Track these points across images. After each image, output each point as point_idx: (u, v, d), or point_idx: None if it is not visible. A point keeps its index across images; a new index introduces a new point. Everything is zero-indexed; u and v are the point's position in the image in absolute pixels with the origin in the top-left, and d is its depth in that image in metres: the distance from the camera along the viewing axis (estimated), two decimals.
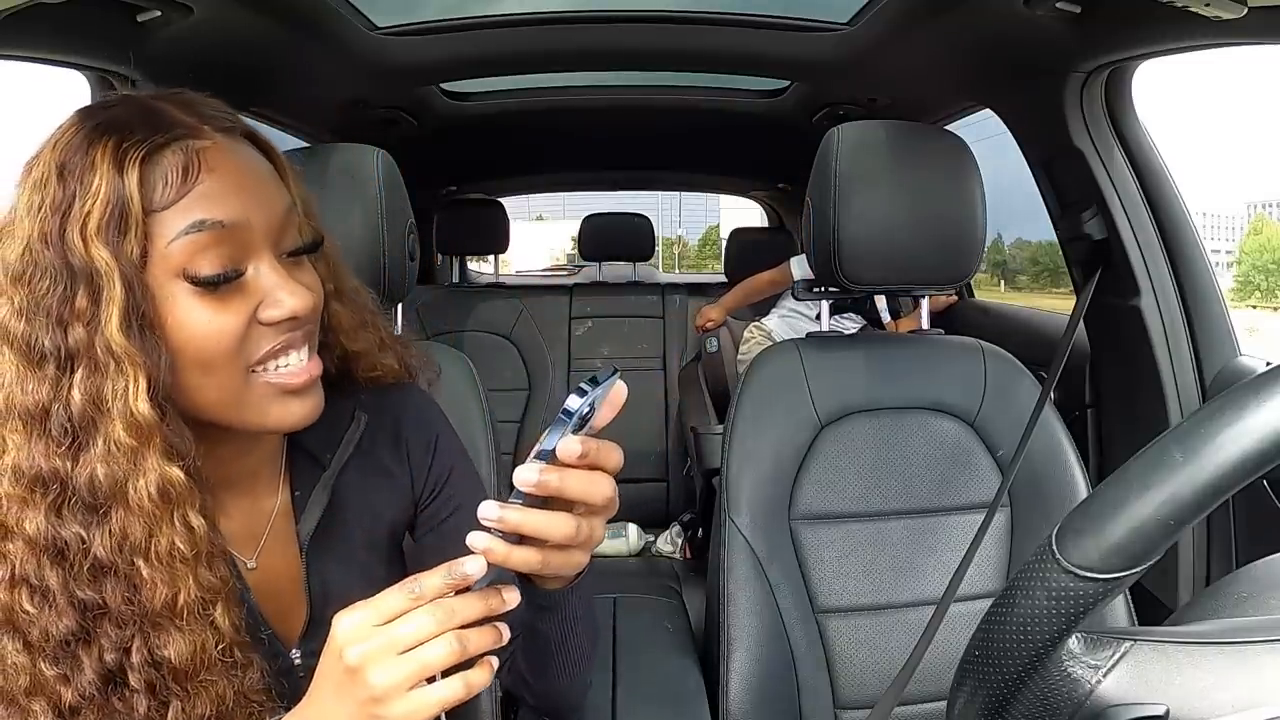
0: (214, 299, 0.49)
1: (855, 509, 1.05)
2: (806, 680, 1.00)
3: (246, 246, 0.50)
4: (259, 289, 0.51)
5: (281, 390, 0.52)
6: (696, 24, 1.41)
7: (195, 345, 0.49)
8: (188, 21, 1.01)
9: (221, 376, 0.50)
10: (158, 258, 0.48)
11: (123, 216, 0.47)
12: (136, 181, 0.47)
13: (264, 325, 0.51)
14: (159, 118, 0.50)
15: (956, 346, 1.12)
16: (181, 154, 0.49)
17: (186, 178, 0.48)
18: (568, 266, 6.72)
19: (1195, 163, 2.24)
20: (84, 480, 0.47)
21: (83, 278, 0.46)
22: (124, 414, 0.47)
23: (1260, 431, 0.36)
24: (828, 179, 1.03)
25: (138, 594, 0.48)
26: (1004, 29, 1.15)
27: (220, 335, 0.49)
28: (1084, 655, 0.40)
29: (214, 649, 0.50)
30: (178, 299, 0.49)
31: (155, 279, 0.48)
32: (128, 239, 0.47)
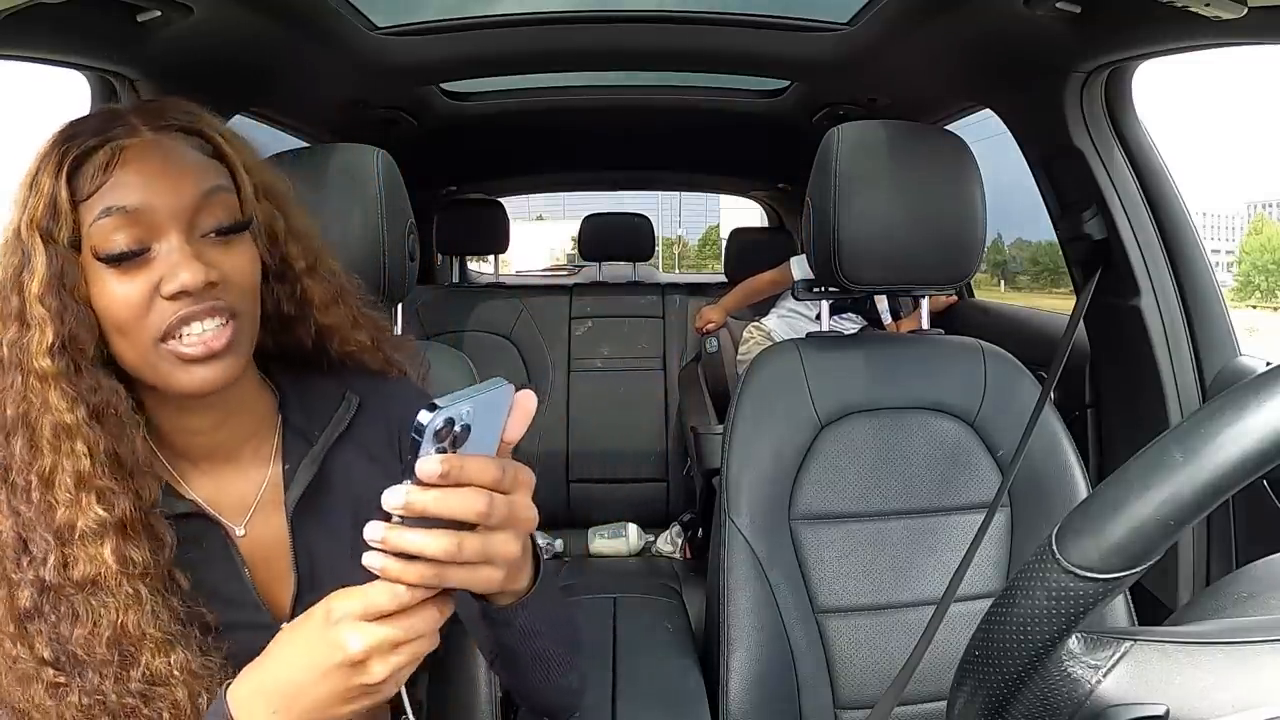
0: (121, 273, 0.57)
1: (855, 509, 1.05)
2: (806, 680, 1.00)
3: (153, 228, 0.57)
4: (163, 265, 0.57)
5: (182, 358, 0.58)
6: (696, 24, 1.41)
7: (110, 313, 0.57)
8: (188, 21, 1.01)
9: (134, 341, 0.58)
10: (85, 240, 0.57)
11: (55, 209, 0.56)
12: (66, 180, 0.56)
13: (164, 299, 0.57)
14: (109, 122, 0.58)
15: (956, 346, 1.12)
16: (107, 153, 0.57)
17: (106, 171, 0.56)
18: (568, 266, 6.73)
19: (1195, 163, 2.25)
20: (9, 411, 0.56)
21: (26, 257, 0.56)
22: (31, 364, 0.56)
23: (1260, 431, 0.36)
24: (828, 179, 1.03)
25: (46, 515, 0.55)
26: (1004, 29, 1.15)
27: (125, 304, 0.57)
28: (1084, 655, 0.40)
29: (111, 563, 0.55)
30: (98, 274, 0.57)
31: (85, 258, 0.57)
32: (58, 226, 0.56)
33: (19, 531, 0.56)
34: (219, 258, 0.58)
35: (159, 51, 1.06)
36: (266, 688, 0.51)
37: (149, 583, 0.57)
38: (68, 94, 1.17)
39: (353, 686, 0.49)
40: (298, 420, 0.67)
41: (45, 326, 0.56)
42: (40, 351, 0.56)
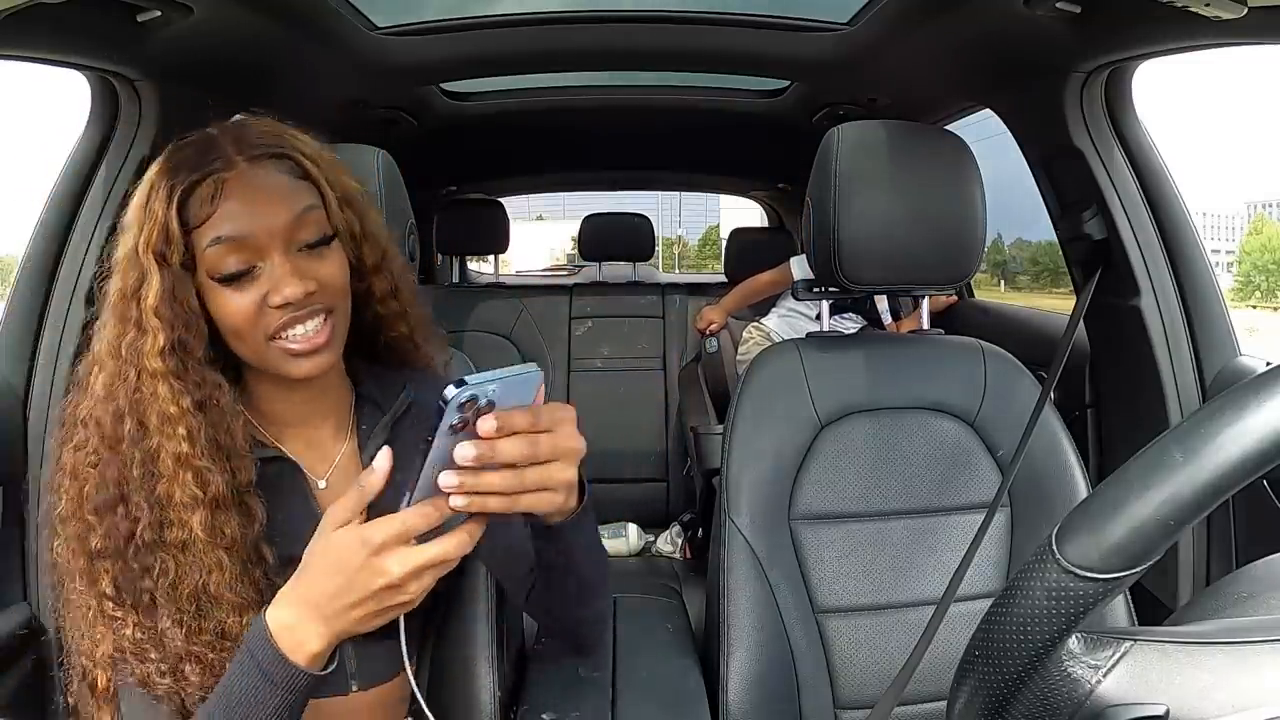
0: (234, 289, 0.67)
1: (855, 509, 1.05)
2: (806, 680, 1.00)
3: (257, 250, 0.67)
4: (269, 280, 0.67)
5: (290, 353, 0.69)
6: (696, 24, 1.41)
7: (227, 321, 0.68)
8: (188, 21, 1.01)
9: (248, 341, 0.68)
10: (200, 263, 0.67)
11: (167, 236, 0.66)
12: (176, 212, 0.66)
13: (271, 308, 0.67)
14: (206, 154, 0.68)
15: (956, 346, 1.12)
16: (210, 185, 0.67)
17: (211, 203, 0.66)
18: (568, 266, 6.73)
19: (1195, 163, 2.25)
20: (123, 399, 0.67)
21: (144, 274, 0.67)
22: (143, 363, 0.66)
23: (1260, 431, 0.36)
24: (828, 179, 1.03)
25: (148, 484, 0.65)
26: (1004, 29, 1.15)
27: (239, 314, 0.67)
28: (1084, 655, 0.40)
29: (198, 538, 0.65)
30: (212, 290, 0.68)
31: (199, 277, 0.68)
32: (171, 250, 0.66)
33: (119, 490, 0.65)
34: (314, 267, 0.69)
35: (159, 51, 1.06)
36: (304, 610, 0.58)
37: (235, 553, 0.66)
38: (67, 94, 1.17)
39: (388, 605, 0.57)
40: (372, 397, 0.79)
41: (158, 334, 0.66)
42: (152, 353, 0.66)
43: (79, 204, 1.17)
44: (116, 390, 0.67)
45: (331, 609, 0.57)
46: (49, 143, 1.32)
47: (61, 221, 1.17)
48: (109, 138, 1.17)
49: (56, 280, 1.16)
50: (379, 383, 0.80)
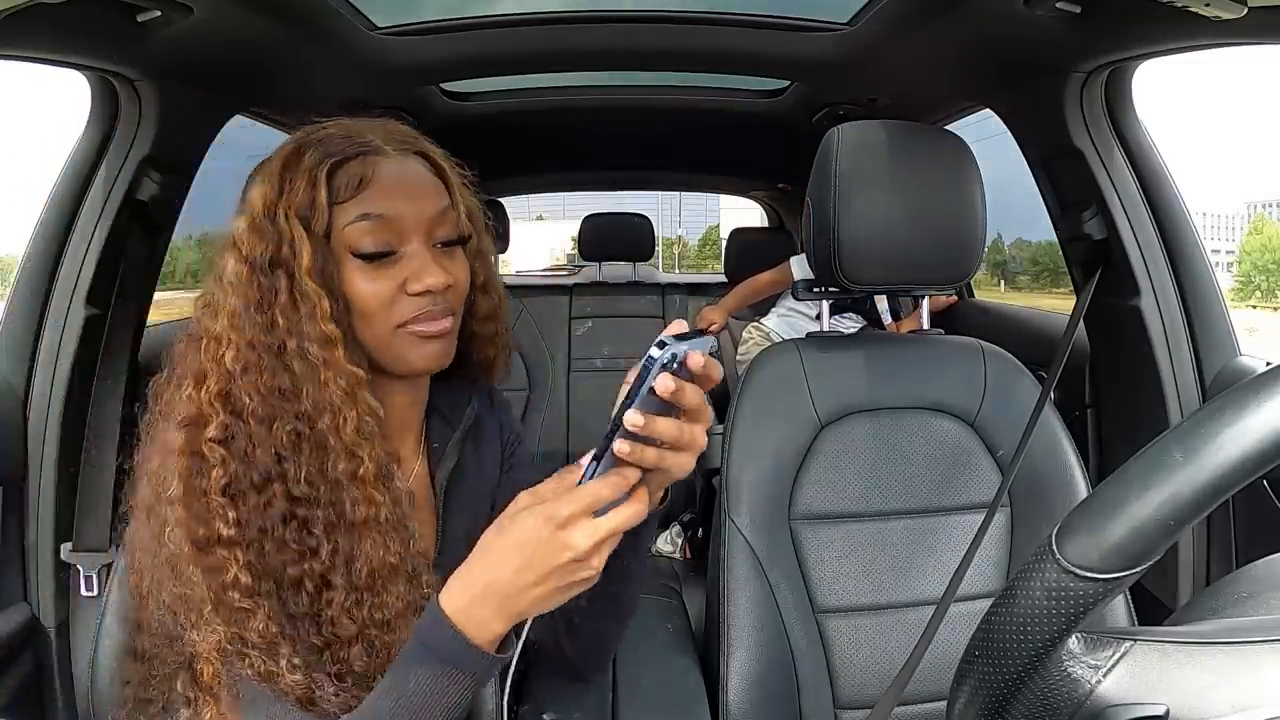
0: (373, 270, 0.66)
1: (855, 509, 1.05)
2: (806, 680, 1.00)
3: (400, 234, 0.67)
4: (408, 266, 0.67)
5: (420, 336, 0.68)
6: (696, 24, 1.41)
7: (360, 301, 0.66)
8: (188, 21, 1.01)
9: (376, 327, 0.67)
10: (338, 237, 0.66)
11: (313, 204, 0.65)
12: (324, 184, 0.65)
13: (409, 295, 0.67)
14: (354, 139, 0.68)
15: (956, 346, 1.12)
16: (360, 166, 0.67)
17: (360, 184, 0.66)
18: (568, 266, 6.72)
19: (1195, 163, 2.25)
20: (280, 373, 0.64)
21: (286, 240, 0.65)
22: (316, 331, 0.64)
23: (1260, 431, 0.36)
24: (828, 179, 1.03)
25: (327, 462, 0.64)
26: (1004, 29, 1.15)
27: (375, 296, 0.66)
28: (1084, 655, 0.40)
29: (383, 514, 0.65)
30: (350, 267, 0.66)
31: (336, 251, 0.66)
32: (314, 218, 0.65)
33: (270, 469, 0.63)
34: (448, 264, 0.69)
35: (159, 51, 1.06)
36: (484, 594, 0.58)
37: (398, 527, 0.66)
38: (68, 94, 1.17)
39: (572, 581, 0.57)
40: (440, 411, 0.79)
41: (320, 299, 0.64)
42: (324, 318, 0.64)
43: (79, 204, 1.17)
44: (265, 364, 0.64)
45: (514, 588, 0.57)
46: (49, 143, 1.32)
47: (61, 221, 1.17)
48: (109, 138, 1.17)
49: (56, 280, 1.17)
50: (448, 397, 0.79)
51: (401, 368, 0.69)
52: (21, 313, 1.16)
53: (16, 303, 1.17)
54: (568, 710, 0.84)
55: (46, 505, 1.14)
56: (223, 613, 0.61)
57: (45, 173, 1.20)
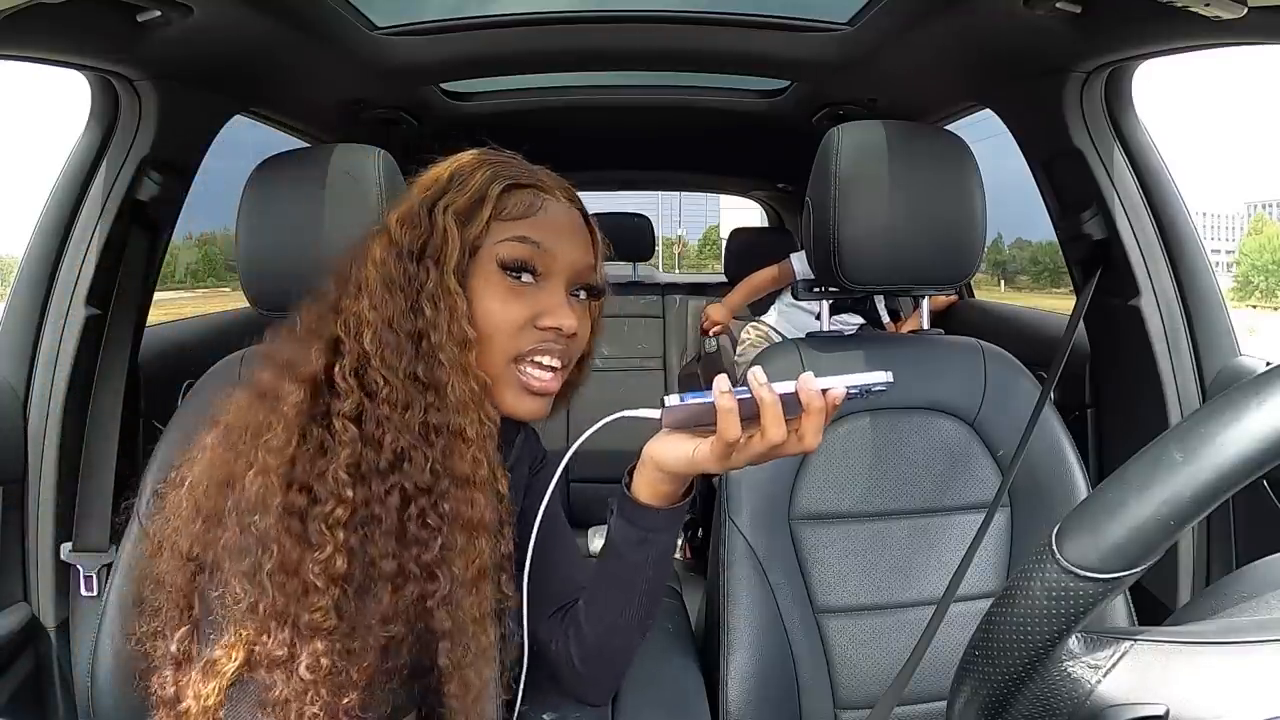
0: (511, 292, 0.67)
1: (855, 509, 1.05)
2: (806, 680, 1.00)
3: (548, 268, 0.69)
4: (543, 301, 0.68)
5: (526, 387, 0.69)
6: (696, 24, 1.41)
7: (488, 318, 0.67)
8: (188, 21, 1.01)
9: (494, 351, 0.67)
10: (488, 248, 0.68)
11: (474, 212, 0.67)
12: (495, 196, 0.68)
13: (537, 329, 0.68)
14: (530, 172, 0.72)
15: (956, 346, 1.12)
16: (531, 196, 0.70)
17: (528, 210, 0.69)
18: None
19: (1195, 163, 2.25)
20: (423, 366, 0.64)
21: (437, 235, 0.66)
22: (453, 329, 0.64)
23: (1259, 432, 0.36)
24: (827, 179, 1.03)
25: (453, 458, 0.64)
26: (1004, 29, 1.15)
27: (507, 318, 0.67)
28: (1084, 655, 0.40)
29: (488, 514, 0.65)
30: (490, 281, 0.67)
31: (480, 262, 0.67)
32: (471, 225, 0.67)
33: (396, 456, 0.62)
34: (578, 315, 0.71)
35: (159, 51, 1.06)
36: None
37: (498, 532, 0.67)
38: (68, 94, 1.17)
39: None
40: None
41: (459, 299, 0.65)
42: (463, 318, 0.65)
43: (79, 204, 1.17)
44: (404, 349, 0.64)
45: None
46: (49, 143, 1.32)
47: (61, 222, 1.17)
48: (109, 138, 1.17)
49: (56, 280, 1.17)
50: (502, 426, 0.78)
51: (502, 406, 0.69)
52: (21, 313, 1.16)
53: (16, 303, 1.17)
54: (566, 711, 0.84)
55: (46, 505, 1.14)
56: (290, 585, 0.59)
57: (45, 173, 1.20)
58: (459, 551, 0.64)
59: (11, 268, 1.23)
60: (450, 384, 0.64)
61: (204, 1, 0.99)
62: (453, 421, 0.64)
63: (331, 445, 0.62)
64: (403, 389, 0.63)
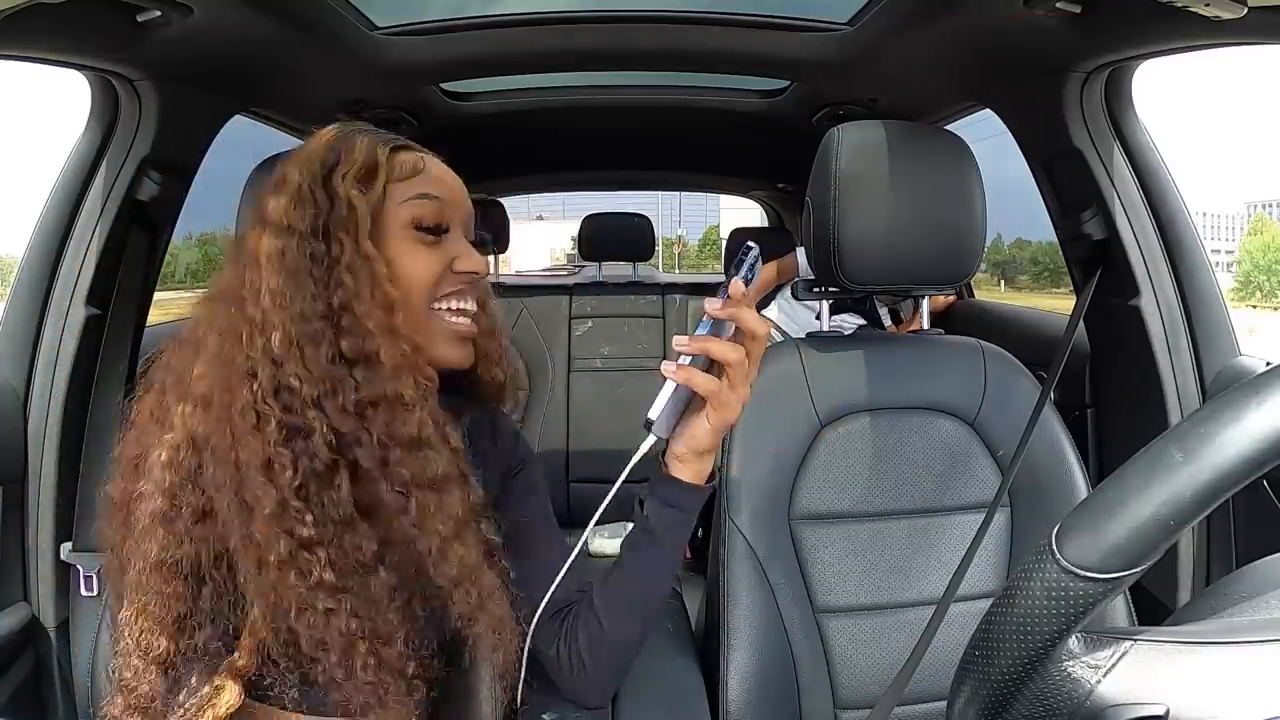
0: (425, 246, 0.70)
1: (855, 509, 1.05)
2: (806, 680, 1.00)
3: (450, 219, 0.72)
4: (455, 249, 0.72)
5: (451, 332, 0.71)
6: (696, 24, 1.41)
7: (407, 274, 0.68)
8: (188, 21, 1.01)
9: (414, 303, 0.69)
10: (391, 211, 0.69)
11: (371, 175, 0.68)
12: (386, 160, 0.69)
13: (453, 273, 0.71)
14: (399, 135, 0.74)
15: (956, 346, 1.12)
16: (414, 155, 0.72)
17: (415, 170, 0.71)
18: (567, 266, 6.73)
19: (1195, 163, 2.25)
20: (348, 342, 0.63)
21: (341, 206, 0.66)
22: (381, 296, 0.65)
23: (1259, 432, 0.36)
24: (827, 179, 1.03)
25: (396, 422, 0.64)
26: (1004, 29, 1.15)
27: (428, 269, 0.70)
28: (1084, 655, 0.40)
29: (439, 470, 0.65)
30: (403, 241, 0.69)
31: (388, 224, 0.69)
32: (371, 191, 0.68)
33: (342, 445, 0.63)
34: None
35: (159, 51, 1.06)
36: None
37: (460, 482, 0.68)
38: (68, 94, 1.17)
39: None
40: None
41: (379, 264, 0.66)
42: (385, 280, 0.65)
43: (79, 204, 1.17)
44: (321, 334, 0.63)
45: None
46: (49, 143, 1.32)
47: (61, 221, 1.17)
48: (109, 138, 1.17)
49: (56, 280, 1.16)
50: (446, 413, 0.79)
51: (430, 358, 0.70)
52: (21, 313, 1.16)
53: (16, 303, 1.17)
54: (566, 711, 0.84)
55: (46, 505, 1.14)
56: (304, 618, 0.61)
57: (45, 173, 1.20)
58: (433, 511, 0.64)
59: (11, 268, 1.23)
60: (380, 351, 0.64)
61: (204, 1, 0.99)
62: (389, 389, 0.64)
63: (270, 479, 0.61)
64: (325, 378, 0.62)
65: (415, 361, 0.66)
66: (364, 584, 0.63)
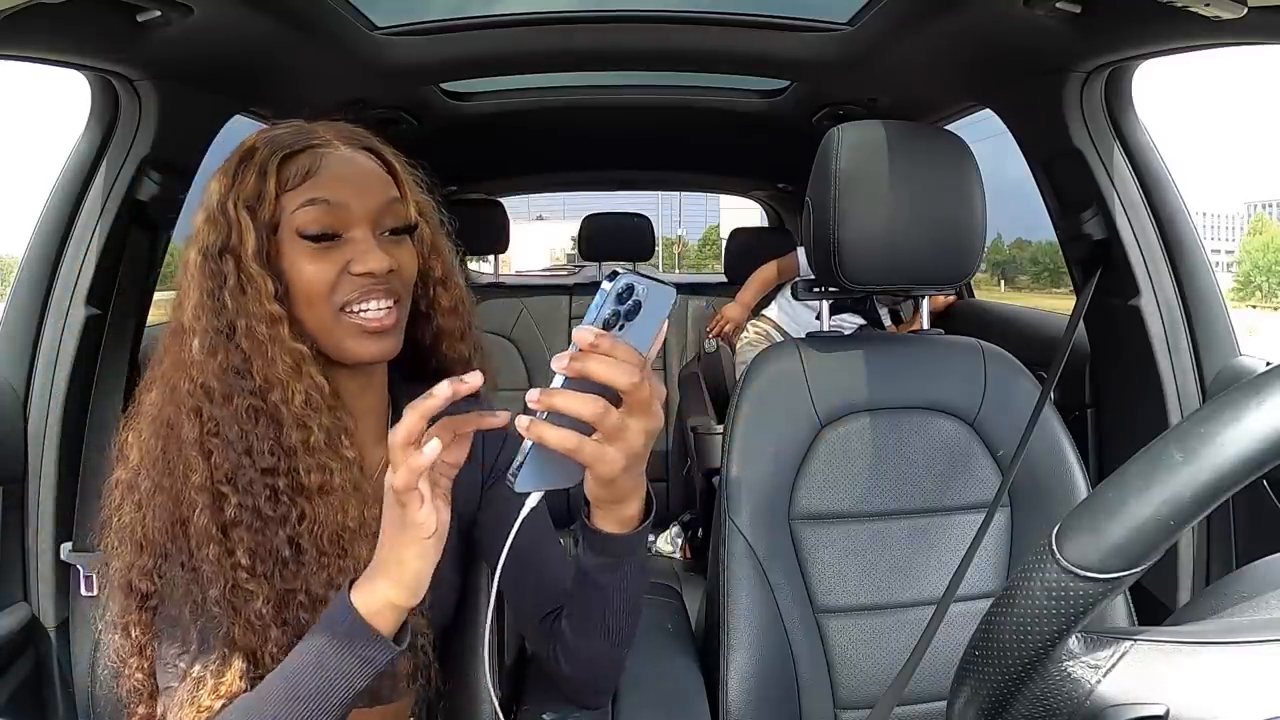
0: (318, 252, 0.69)
1: (855, 509, 1.05)
2: (806, 680, 1.00)
3: (346, 220, 0.70)
4: (352, 250, 0.69)
5: (361, 330, 0.70)
6: (696, 24, 1.41)
7: (304, 284, 0.69)
8: (188, 21, 1.01)
9: (319, 311, 0.69)
10: (286, 222, 0.69)
11: (261, 193, 0.68)
12: (274, 174, 0.69)
13: (352, 276, 0.69)
14: (306, 135, 0.72)
15: (956, 346, 1.12)
16: (309, 158, 0.70)
17: (309, 173, 0.69)
18: (567, 266, 6.73)
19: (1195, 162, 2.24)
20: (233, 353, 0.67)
21: (234, 228, 0.68)
22: (262, 311, 0.67)
23: (1259, 432, 0.36)
24: (827, 179, 1.03)
25: (281, 433, 0.66)
26: (1004, 29, 1.15)
27: (320, 278, 0.69)
28: (1084, 655, 0.40)
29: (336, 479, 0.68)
30: (296, 251, 0.69)
31: (283, 237, 0.69)
32: (262, 207, 0.68)
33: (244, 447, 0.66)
34: (394, 251, 0.71)
35: (159, 51, 1.06)
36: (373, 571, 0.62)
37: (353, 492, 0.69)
38: (68, 94, 1.17)
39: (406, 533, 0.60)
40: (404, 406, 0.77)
41: (265, 282, 0.67)
42: (269, 298, 0.67)
43: (79, 204, 1.17)
44: (220, 346, 0.67)
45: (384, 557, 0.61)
46: (49, 143, 1.32)
47: (61, 221, 1.17)
48: (109, 138, 1.17)
49: (56, 280, 1.17)
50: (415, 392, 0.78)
51: (344, 356, 0.71)
52: (21, 313, 1.16)
53: (16, 303, 1.17)
54: (566, 711, 0.84)
55: (46, 505, 1.14)
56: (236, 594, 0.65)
57: (45, 173, 1.20)
58: (314, 520, 0.67)
59: (11, 268, 1.23)
60: (265, 363, 0.67)
61: (204, 1, 0.99)
62: (275, 398, 0.66)
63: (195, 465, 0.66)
64: (223, 382, 0.66)
65: (300, 371, 0.67)
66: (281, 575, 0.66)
